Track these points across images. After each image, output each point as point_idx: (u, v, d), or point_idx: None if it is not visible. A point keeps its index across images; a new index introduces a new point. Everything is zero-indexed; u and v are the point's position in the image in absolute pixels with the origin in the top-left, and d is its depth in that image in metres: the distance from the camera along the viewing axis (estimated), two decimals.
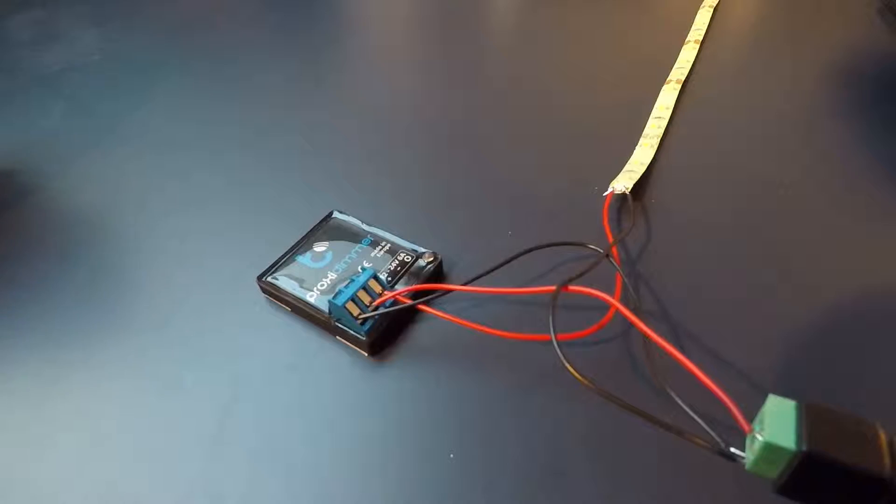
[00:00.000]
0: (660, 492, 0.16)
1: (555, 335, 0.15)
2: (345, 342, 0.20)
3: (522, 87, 0.32)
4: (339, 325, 0.19)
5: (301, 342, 0.20)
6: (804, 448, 0.12)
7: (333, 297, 0.19)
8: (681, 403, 0.15)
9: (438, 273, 0.22)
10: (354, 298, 0.19)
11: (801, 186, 0.25)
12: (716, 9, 0.39)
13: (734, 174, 0.26)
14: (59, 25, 0.39)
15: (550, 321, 0.15)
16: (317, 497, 0.16)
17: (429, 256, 0.21)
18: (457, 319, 0.19)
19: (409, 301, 0.19)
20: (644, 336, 0.15)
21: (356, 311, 0.19)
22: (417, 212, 0.25)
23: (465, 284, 0.19)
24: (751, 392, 0.18)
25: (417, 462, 0.17)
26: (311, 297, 0.20)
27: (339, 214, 0.23)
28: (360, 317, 0.19)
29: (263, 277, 0.21)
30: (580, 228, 0.23)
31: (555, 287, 0.16)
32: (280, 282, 0.21)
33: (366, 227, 0.23)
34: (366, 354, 0.19)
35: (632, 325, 0.19)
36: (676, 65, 0.33)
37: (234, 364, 0.19)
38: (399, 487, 0.16)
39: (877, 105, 0.30)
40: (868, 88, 0.32)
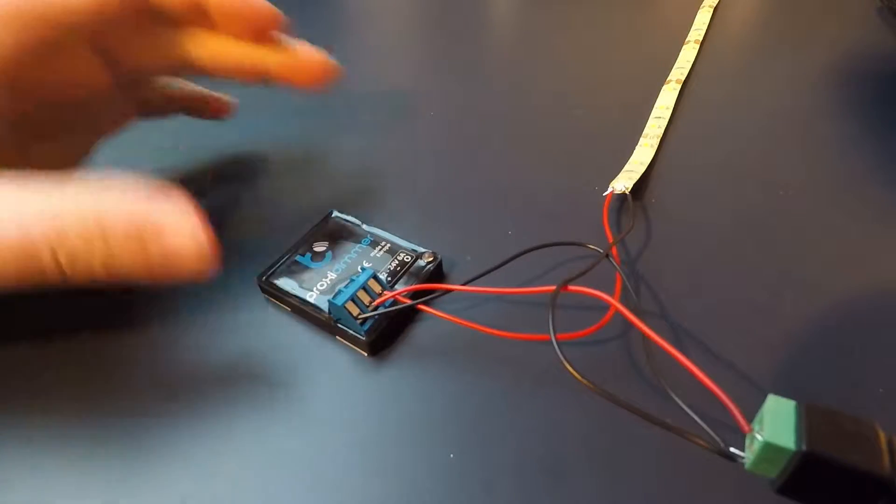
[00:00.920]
0: (660, 492, 0.16)
1: (554, 335, 0.15)
2: (344, 342, 0.20)
3: (522, 87, 0.32)
4: (339, 325, 0.19)
5: (301, 342, 0.20)
6: (804, 448, 0.12)
7: (333, 297, 0.19)
8: (681, 403, 0.15)
9: (438, 273, 0.22)
10: (354, 298, 0.19)
11: (801, 186, 0.25)
12: (716, 9, 0.39)
13: (734, 174, 0.26)
14: None
15: (550, 321, 0.15)
16: (317, 497, 0.16)
17: (428, 256, 0.21)
18: (457, 319, 0.19)
19: (409, 301, 0.19)
20: (644, 336, 0.15)
21: (356, 311, 0.19)
22: (417, 212, 0.25)
23: (465, 284, 0.19)
24: (751, 392, 0.18)
25: (417, 462, 0.17)
26: (311, 297, 0.20)
27: (339, 214, 0.23)
28: (360, 317, 0.19)
29: (263, 277, 0.21)
30: (580, 228, 0.23)
31: (554, 287, 0.16)
32: (280, 282, 0.21)
33: (365, 227, 0.23)
34: (365, 354, 0.19)
35: (632, 325, 0.19)
36: (676, 65, 0.33)
37: (234, 364, 0.19)
38: (399, 487, 0.16)
39: (877, 105, 0.30)
40: (868, 88, 0.32)
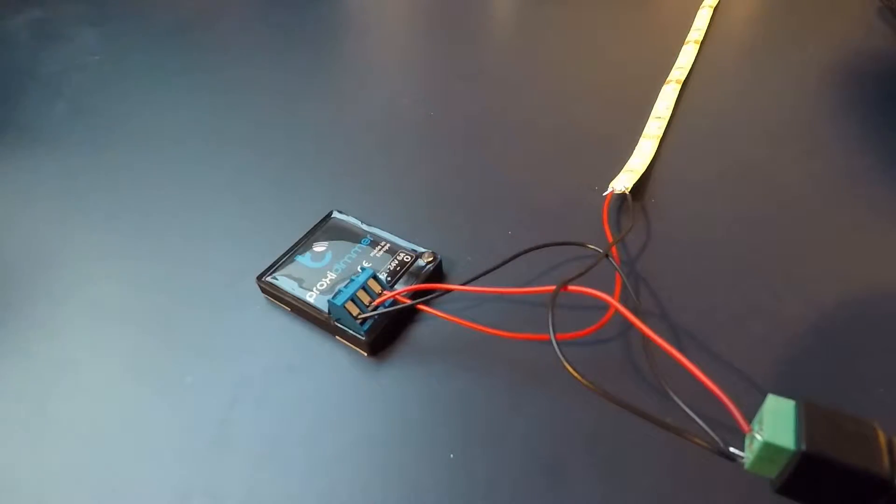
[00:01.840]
0: (659, 492, 0.16)
1: (554, 335, 0.15)
2: (344, 342, 0.20)
3: (522, 87, 0.32)
4: (339, 325, 0.19)
5: (300, 342, 0.20)
6: (803, 448, 0.12)
7: (333, 297, 0.19)
8: (680, 403, 0.15)
9: (438, 273, 0.22)
10: (354, 298, 0.19)
11: (801, 186, 0.25)
12: (716, 9, 0.39)
13: (734, 174, 0.26)
14: (59, 25, 0.39)
15: (550, 321, 0.15)
16: (317, 497, 0.16)
17: (428, 256, 0.21)
18: (456, 319, 0.19)
19: (409, 301, 0.19)
20: (644, 336, 0.15)
21: (356, 311, 0.19)
22: (417, 212, 0.25)
23: (465, 284, 0.19)
24: (750, 392, 0.18)
25: (417, 462, 0.17)
26: (311, 297, 0.20)
27: (339, 214, 0.23)
28: (360, 317, 0.19)
29: (263, 277, 0.21)
30: (580, 228, 0.23)
31: (554, 287, 0.16)
32: (280, 282, 0.21)
33: (365, 227, 0.23)
34: (365, 354, 0.19)
35: (631, 325, 0.19)
36: (676, 65, 0.33)
37: (234, 364, 0.19)
38: (399, 487, 0.16)
39: (877, 105, 0.30)
40: (868, 88, 0.32)
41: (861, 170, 0.26)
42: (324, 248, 0.22)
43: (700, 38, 0.36)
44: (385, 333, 0.19)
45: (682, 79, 0.32)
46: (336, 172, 0.27)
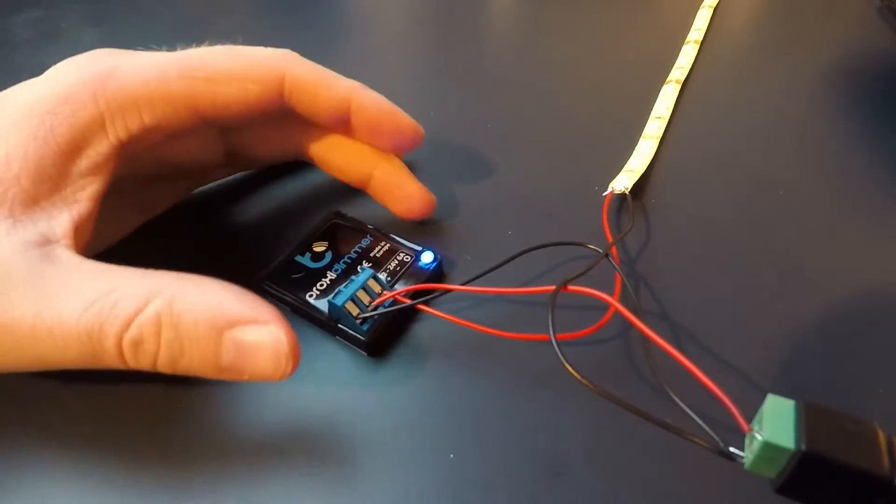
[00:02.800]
0: (659, 492, 0.16)
1: (554, 335, 0.15)
2: (344, 342, 0.20)
3: (522, 87, 0.32)
4: (339, 326, 0.19)
5: (301, 342, 0.20)
6: (803, 447, 0.12)
7: (333, 298, 0.19)
8: (680, 403, 0.15)
9: (438, 273, 0.22)
10: (354, 298, 0.19)
11: (801, 186, 0.25)
12: (716, 9, 0.39)
13: (734, 174, 0.26)
14: (59, 25, 0.39)
15: (550, 321, 0.15)
16: (317, 497, 0.16)
17: (428, 256, 0.21)
18: (456, 319, 0.19)
19: (409, 301, 0.19)
20: (644, 336, 0.15)
21: (356, 312, 0.19)
22: None
23: (465, 284, 0.19)
24: (750, 392, 0.18)
25: (417, 462, 0.17)
26: (311, 298, 0.20)
27: (339, 214, 0.23)
28: (360, 317, 0.19)
29: (263, 277, 0.21)
30: (580, 228, 0.23)
31: (554, 287, 0.16)
32: (279, 282, 0.21)
33: (365, 227, 0.23)
34: (365, 354, 0.19)
35: (631, 325, 0.19)
36: (676, 65, 0.33)
37: None
38: (399, 487, 0.16)
39: (877, 105, 0.30)
40: (868, 88, 0.32)
41: (861, 169, 0.26)
42: (324, 248, 0.22)
43: (700, 38, 0.36)
44: (385, 333, 0.19)
45: (682, 79, 0.32)
46: None
